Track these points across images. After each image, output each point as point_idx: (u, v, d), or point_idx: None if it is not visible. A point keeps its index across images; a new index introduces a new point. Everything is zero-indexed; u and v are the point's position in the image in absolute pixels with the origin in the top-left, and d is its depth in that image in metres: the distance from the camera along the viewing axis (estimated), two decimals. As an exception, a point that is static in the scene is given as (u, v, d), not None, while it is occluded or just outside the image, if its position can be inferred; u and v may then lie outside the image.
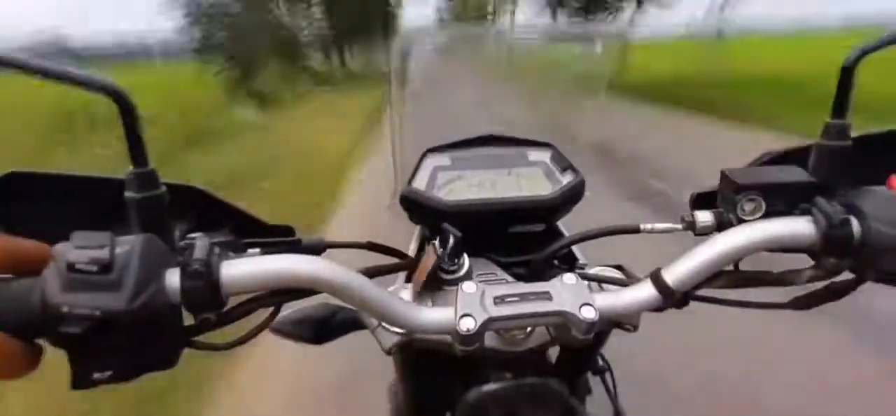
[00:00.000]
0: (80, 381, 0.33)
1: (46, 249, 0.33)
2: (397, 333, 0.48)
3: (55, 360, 0.34)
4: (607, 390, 0.72)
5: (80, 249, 0.32)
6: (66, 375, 0.32)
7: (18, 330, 0.32)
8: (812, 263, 0.43)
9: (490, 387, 0.52)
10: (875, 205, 0.40)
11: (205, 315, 0.36)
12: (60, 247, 0.33)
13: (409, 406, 0.69)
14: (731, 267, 0.43)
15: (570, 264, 0.59)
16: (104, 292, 0.31)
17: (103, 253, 0.32)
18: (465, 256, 0.55)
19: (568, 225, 0.64)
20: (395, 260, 0.56)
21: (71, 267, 0.31)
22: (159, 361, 0.35)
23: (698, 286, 0.43)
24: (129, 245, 0.33)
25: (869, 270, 0.41)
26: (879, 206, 0.40)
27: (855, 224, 0.40)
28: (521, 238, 0.59)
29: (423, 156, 0.62)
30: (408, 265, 0.56)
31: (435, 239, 0.55)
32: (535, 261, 0.56)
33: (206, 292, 0.34)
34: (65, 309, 0.31)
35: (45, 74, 0.33)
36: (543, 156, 0.63)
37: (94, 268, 0.31)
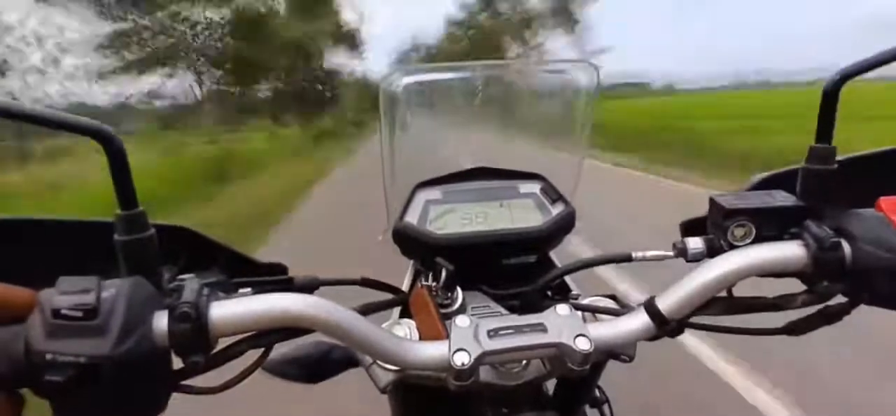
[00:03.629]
0: None
1: (32, 295, 0.33)
2: (392, 370, 0.48)
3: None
4: None
5: (65, 294, 0.31)
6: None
7: (0, 379, 0.31)
8: (804, 287, 0.43)
9: None
10: (864, 227, 0.40)
11: (194, 358, 0.36)
12: (46, 293, 0.32)
13: None
14: (724, 293, 0.43)
15: (563, 294, 0.58)
16: (89, 338, 0.31)
17: (89, 298, 0.31)
18: (459, 289, 0.55)
19: (560, 255, 0.64)
20: (389, 296, 0.56)
21: (55, 313, 0.31)
22: (147, 406, 0.34)
23: (692, 313, 0.43)
24: (115, 289, 0.32)
25: (862, 292, 0.41)
26: (869, 228, 0.40)
27: (845, 247, 0.40)
28: (514, 270, 0.59)
29: (415, 190, 0.62)
30: (402, 300, 0.56)
31: (428, 273, 0.55)
32: (529, 292, 0.56)
33: (194, 334, 0.34)
34: (49, 357, 0.30)
35: (34, 119, 0.33)
36: (534, 188, 0.63)
37: (79, 314, 0.31)
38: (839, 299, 0.43)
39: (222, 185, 8.02)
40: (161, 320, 0.34)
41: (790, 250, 0.41)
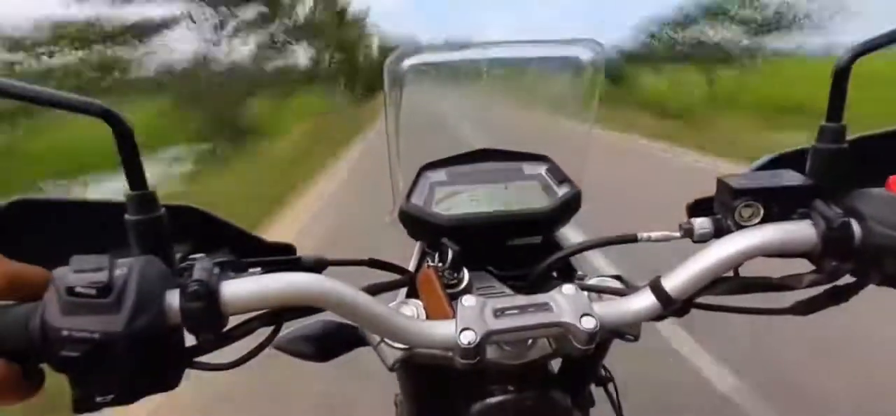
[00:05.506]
0: (82, 404, 0.33)
1: (47, 274, 0.33)
2: (399, 348, 0.48)
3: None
4: (611, 401, 0.72)
5: (78, 272, 0.32)
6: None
7: (19, 355, 0.32)
8: (812, 267, 0.43)
9: (493, 400, 0.52)
10: (875, 207, 0.40)
11: (206, 335, 0.36)
12: (60, 271, 0.33)
13: None
14: (730, 273, 0.43)
15: (568, 275, 0.58)
16: (103, 315, 0.31)
17: (101, 276, 0.32)
18: (465, 270, 0.55)
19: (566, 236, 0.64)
20: (396, 276, 0.57)
21: (70, 291, 0.31)
22: (161, 382, 0.35)
23: (698, 293, 0.43)
24: (127, 267, 0.33)
25: (870, 272, 0.41)
26: (879, 208, 0.39)
27: (855, 227, 0.40)
28: (520, 251, 0.59)
29: (420, 172, 0.62)
30: (409, 281, 0.56)
31: (434, 254, 0.55)
32: (534, 273, 0.56)
33: (206, 312, 0.34)
34: (64, 333, 0.31)
35: (39, 99, 0.34)
36: (539, 169, 0.63)
37: (93, 291, 0.31)
38: (847, 279, 0.43)
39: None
40: (173, 298, 0.34)
41: (799, 230, 0.41)
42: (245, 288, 0.36)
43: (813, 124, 0.45)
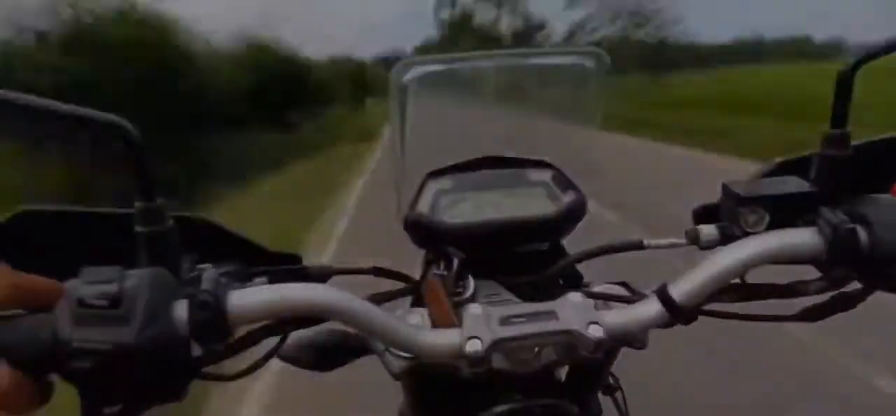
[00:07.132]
0: (90, 415, 0.33)
1: (60, 285, 0.34)
2: (405, 357, 0.48)
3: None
4: (618, 409, 0.71)
5: (89, 284, 0.32)
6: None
7: (31, 366, 0.32)
8: (819, 273, 0.43)
9: (500, 409, 0.51)
10: (881, 213, 0.40)
11: (213, 346, 0.36)
12: (71, 283, 0.33)
13: None
14: (737, 281, 0.43)
15: (575, 282, 0.58)
16: (114, 326, 0.32)
17: (112, 287, 0.32)
18: (471, 278, 0.55)
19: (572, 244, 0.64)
20: (401, 284, 0.57)
21: (81, 302, 0.32)
22: (168, 392, 0.35)
23: (706, 300, 0.43)
24: (137, 279, 0.33)
25: (878, 278, 0.41)
26: (885, 214, 0.39)
27: (862, 233, 0.40)
28: (526, 258, 0.59)
29: (425, 180, 0.62)
30: (414, 289, 0.56)
31: (440, 262, 0.55)
32: (541, 280, 0.56)
33: (213, 322, 0.35)
34: (75, 344, 0.31)
35: (48, 112, 0.34)
36: (544, 175, 0.63)
37: (104, 302, 0.32)
38: (854, 285, 0.43)
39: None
40: (181, 309, 0.34)
41: (805, 237, 0.41)
42: (251, 299, 0.36)
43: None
